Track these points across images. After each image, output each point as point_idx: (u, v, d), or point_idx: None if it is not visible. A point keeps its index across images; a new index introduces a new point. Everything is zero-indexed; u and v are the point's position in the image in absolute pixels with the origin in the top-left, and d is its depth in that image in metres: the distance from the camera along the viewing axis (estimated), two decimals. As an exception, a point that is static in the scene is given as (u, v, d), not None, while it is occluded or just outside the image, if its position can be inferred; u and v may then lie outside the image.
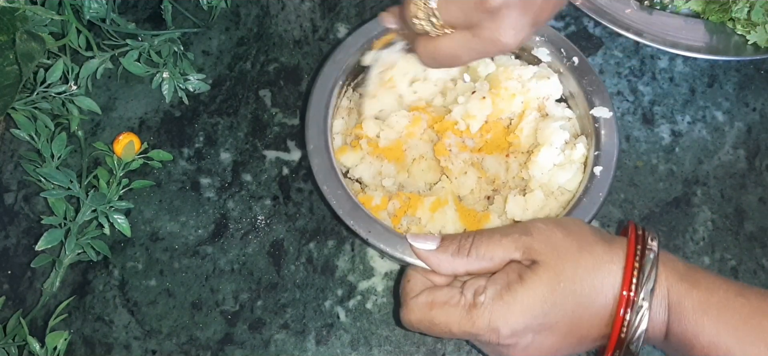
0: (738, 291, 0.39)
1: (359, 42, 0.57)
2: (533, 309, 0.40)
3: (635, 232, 0.41)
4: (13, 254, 0.57)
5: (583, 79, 0.55)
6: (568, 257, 0.40)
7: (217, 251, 0.57)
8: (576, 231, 0.42)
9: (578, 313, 0.40)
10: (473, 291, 0.41)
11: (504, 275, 0.41)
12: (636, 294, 0.39)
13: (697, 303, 0.39)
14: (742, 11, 0.62)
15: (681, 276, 0.40)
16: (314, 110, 0.54)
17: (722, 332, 0.38)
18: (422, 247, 0.45)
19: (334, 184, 0.51)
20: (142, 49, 0.62)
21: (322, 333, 0.54)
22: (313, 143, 0.53)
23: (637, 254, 0.40)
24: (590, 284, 0.40)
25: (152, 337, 0.54)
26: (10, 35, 0.56)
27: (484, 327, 0.40)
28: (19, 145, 0.61)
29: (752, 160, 0.61)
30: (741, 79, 0.64)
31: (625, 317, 0.39)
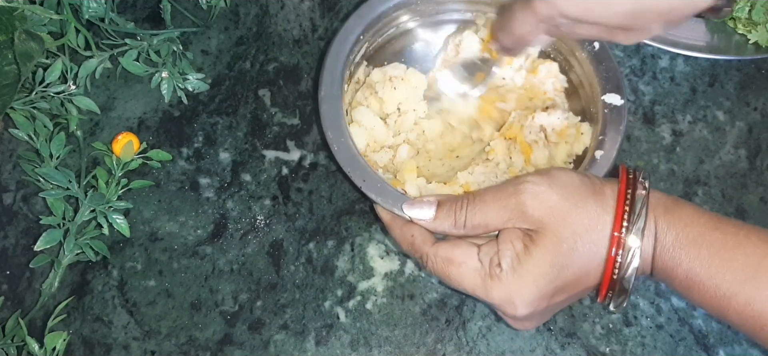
0: (714, 224, 0.40)
1: (387, 1, 0.57)
2: (545, 276, 0.41)
3: (627, 175, 0.42)
4: (11, 254, 0.57)
5: (600, 65, 0.55)
6: (565, 220, 0.41)
7: (217, 252, 0.57)
8: (569, 188, 0.42)
9: (583, 268, 0.42)
10: (489, 259, 0.43)
11: (510, 244, 0.42)
12: (627, 234, 0.40)
13: (675, 239, 0.40)
14: (743, 11, 0.62)
15: (665, 211, 0.41)
16: (331, 60, 0.54)
17: (696, 264, 0.40)
18: (419, 217, 0.46)
19: (339, 132, 0.51)
20: (141, 48, 0.62)
21: (322, 333, 0.54)
22: (325, 90, 0.53)
23: (628, 197, 0.41)
24: (589, 239, 0.41)
25: (151, 338, 0.54)
26: (9, 35, 0.55)
27: (500, 300, 0.42)
28: (17, 145, 0.61)
29: (753, 160, 0.61)
30: (742, 79, 0.64)
31: (616, 257, 0.40)
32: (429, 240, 0.46)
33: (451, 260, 0.44)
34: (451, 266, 0.44)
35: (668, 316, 0.54)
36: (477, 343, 0.54)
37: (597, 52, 0.55)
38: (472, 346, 0.53)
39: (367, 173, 0.49)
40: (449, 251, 0.44)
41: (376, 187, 0.49)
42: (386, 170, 0.55)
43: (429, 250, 0.45)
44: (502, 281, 0.42)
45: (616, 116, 0.53)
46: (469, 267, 0.43)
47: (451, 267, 0.44)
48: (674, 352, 0.53)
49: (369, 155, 0.56)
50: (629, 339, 0.54)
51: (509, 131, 0.55)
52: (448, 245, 0.45)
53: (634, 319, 0.54)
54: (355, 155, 0.50)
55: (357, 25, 0.56)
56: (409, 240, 0.47)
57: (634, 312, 0.54)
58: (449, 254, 0.44)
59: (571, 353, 0.53)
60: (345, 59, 0.55)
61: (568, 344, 0.53)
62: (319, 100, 0.52)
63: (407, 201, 0.47)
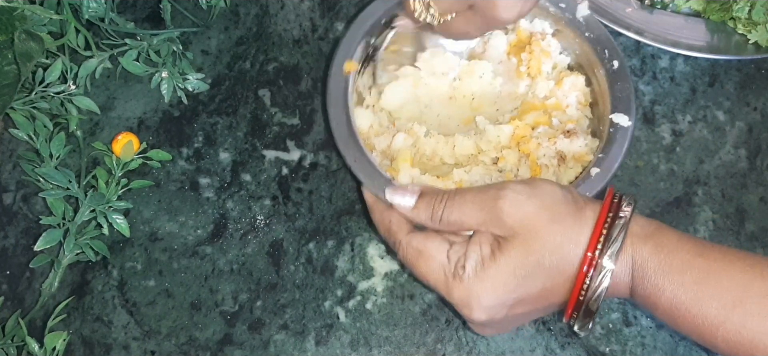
0: (699, 251, 0.40)
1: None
2: (504, 285, 0.41)
3: (612, 200, 0.42)
4: (11, 254, 0.57)
5: (615, 84, 0.55)
6: (538, 232, 0.41)
7: (217, 252, 0.57)
8: (549, 201, 0.42)
9: (548, 283, 0.42)
10: (456, 258, 0.43)
11: (478, 248, 0.42)
12: (601, 255, 0.40)
13: (658, 267, 0.40)
14: (743, 10, 0.62)
15: (646, 238, 0.41)
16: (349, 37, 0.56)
17: (680, 292, 0.39)
18: (399, 203, 0.46)
19: (341, 110, 0.52)
20: (140, 48, 0.62)
21: (322, 333, 0.54)
22: (336, 68, 0.54)
23: (608, 220, 0.41)
24: (559, 256, 0.41)
25: (151, 338, 0.54)
26: (9, 35, 0.55)
27: (458, 301, 0.43)
28: (17, 145, 0.61)
29: (753, 159, 0.61)
30: (742, 79, 0.64)
31: (586, 275, 0.40)
32: (405, 228, 0.47)
33: (421, 252, 0.45)
34: (420, 257, 0.45)
35: (668, 316, 0.54)
36: (477, 343, 0.54)
37: (615, 71, 0.55)
38: (472, 346, 0.53)
39: (360, 153, 0.50)
40: (421, 243, 0.45)
41: (366, 168, 0.49)
42: (384, 155, 0.56)
43: (403, 238, 0.46)
44: (463, 282, 0.42)
45: (621, 136, 0.53)
46: (437, 261, 0.44)
47: (420, 258, 0.45)
48: (674, 352, 0.53)
49: (370, 137, 0.56)
50: (629, 339, 0.54)
51: (525, 146, 0.55)
52: (421, 237, 0.45)
53: (634, 319, 0.54)
54: (353, 134, 0.51)
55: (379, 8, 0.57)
56: (386, 225, 0.48)
57: (634, 312, 0.54)
58: (421, 246, 0.45)
59: (571, 353, 0.53)
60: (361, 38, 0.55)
61: (568, 344, 0.53)
62: (329, 76, 0.53)
63: (391, 186, 0.47)
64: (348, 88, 0.53)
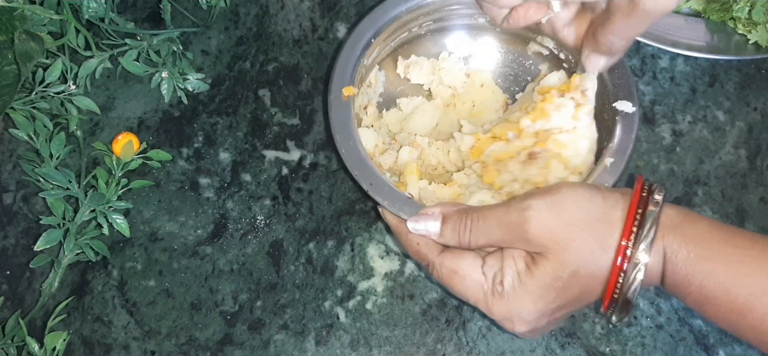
0: (728, 239, 0.40)
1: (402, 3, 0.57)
2: (543, 298, 0.42)
3: (640, 192, 0.42)
4: (11, 254, 0.57)
5: (612, 72, 0.55)
6: (570, 244, 0.41)
7: (217, 252, 0.57)
8: (576, 212, 0.42)
9: (585, 287, 0.42)
10: (492, 274, 0.43)
11: (513, 262, 0.43)
12: (634, 249, 0.40)
13: (688, 256, 0.40)
14: (743, 10, 0.62)
15: (675, 228, 0.41)
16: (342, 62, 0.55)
17: (709, 280, 0.40)
18: (425, 232, 0.46)
19: (347, 135, 0.51)
20: (141, 48, 0.62)
21: (322, 333, 0.54)
22: (335, 93, 0.53)
23: (638, 215, 0.41)
24: (594, 262, 0.41)
25: (151, 338, 0.54)
26: (9, 35, 0.55)
27: (500, 317, 0.43)
28: (17, 145, 0.61)
29: (753, 160, 0.61)
30: (742, 79, 0.64)
31: (621, 269, 0.41)
32: (435, 249, 0.46)
33: (455, 272, 0.45)
34: (455, 277, 0.45)
35: (668, 316, 0.54)
36: (477, 343, 0.54)
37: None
38: (472, 346, 0.53)
39: (374, 176, 0.50)
40: (454, 263, 0.45)
41: (383, 190, 0.49)
42: (392, 172, 0.56)
43: (434, 259, 0.46)
44: (502, 298, 0.43)
45: (628, 123, 0.52)
46: (473, 279, 0.44)
47: (455, 277, 0.45)
48: (674, 352, 0.53)
49: (376, 156, 0.56)
50: (629, 339, 0.54)
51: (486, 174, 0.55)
52: (453, 256, 0.45)
53: (634, 319, 0.54)
54: (363, 157, 0.50)
55: (368, 29, 0.56)
56: (415, 247, 0.47)
57: (634, 312, 0.54)
58: (454, 265, 0.45)
59: (571, 353, 0.53)
60: (356, 62, 0.55)
61: (568, 344, 0.53)
62: (329, 103, 0.53)
63: (412, 216, 0.47)
64: (350, 112, 0.53)
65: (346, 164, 0.50)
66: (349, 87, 0.53)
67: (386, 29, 0.57)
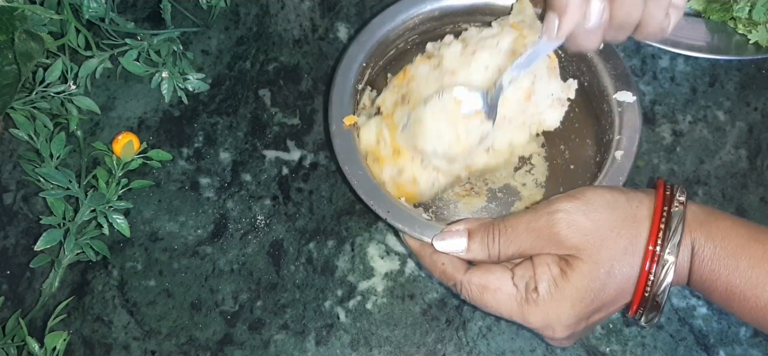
0: (753, 235, 0.40)
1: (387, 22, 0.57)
2: (582, 301, 0.42)
3: (664, 193, 0.42)
4: (12, 254, 0.57)
5: (607, 63, 0.55)
6: (602, 244, 0.41)
7: (217, 252, 0.57)
8: (603, 212, 0.42)
9: (619, 289, 0.42)
10: (524, 284, 0.43)
11: (547, 268, 0.42)
12: (662, 249, 0.40)
13: (713, 252, 0.41)
14: (744, 10, 0.62)
15: (700, 225, 0.41)
16: (337, 92, 0.54)
17: (735, 277, 0.40)
18: (451, 250, 0.46)
19: (355, 165, 0.51)
20: (141, 48, 0.62)
21: (322, 333, 0.54)
22: (337, 124, 0.53)
23: (663, 215, 0.41)
24: (626, 261, 0.41)
25: (151, 338, 0.54)
26: (9, 35, 0.55)
27: (539, 325, 0.43)
28: (18, 145, 0.61)
29: (753, 160, 0.61)
30: (742, 79, 0.64)
31: (650, 272, 0.41)
32: (461, 268, 0.46)
33: (485, 287, 0.44)
34: (486, 292, 0.44)
35: (668, 316, 0.54)
36: (477, 343, 0.54)
37: (603, 51, 0.55)
38: (473, 346, 0.53)
39: (391, 204, 0.49)
40: (483, 278, 0.44)
41: (402, 216, 0.48)
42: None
43: (462, 278, 0.45)
44: (539, 305, 0.42)
45: (631, 113, 0.52)
46: (504, 292, 0.43)
47: (486, 293, 0.44)
48: (674, 352, 0.53)
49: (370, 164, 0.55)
50: (629, 339, 0.54)
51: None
52: (481, 272, 0.45)
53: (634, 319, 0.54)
54: (375, 186, 0.50)
55: (359, 53, 0.56)
56: (440, 269, 0.47)
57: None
58: (483, 281, 0.44)
59: (571, 353, 0.53)
60: (352, 89, 0.55)
61: (569, 344, 0.53)
62: (331, 135, 0.52)
63: (437, 235, 0.46)
64: (354, 142, 0.52)
65: (359, 194, 0.50)
66: (350, 116, 0.53)
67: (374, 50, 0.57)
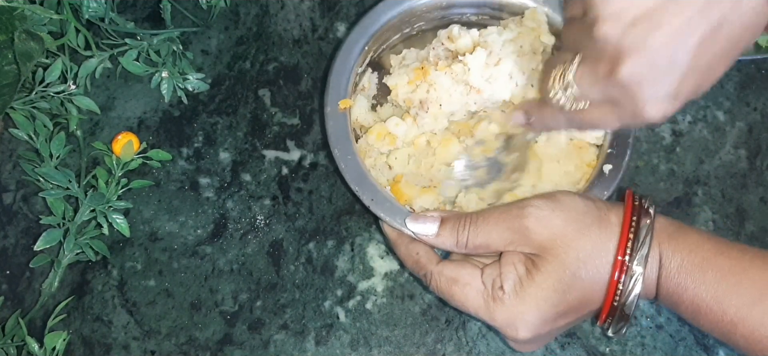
0: (719, 249, 0.40)
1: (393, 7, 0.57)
2: (547, 301, 0.41)
3: (632, 203, 0.42)
4: (11, 254, 0.57)
5: None
6: (569, 245, 0.41)
7: (217, 252, 0.57)
8: (573, 214, 0.42)
9: (586, 293, 0.42)
10: (492, 281, 0.43)
11: (513, 267, 0.42)
12: (631, 260, 0.40)
13: (680, 264, 0.41)
14: (743, 10, 0.62)
15: (668, 237, 0.41)
16: (335, 75, 0.54)
17: (701, 290, 0.40)
18: (421, 232, 0.46)
19: (346, 150, 0.51)
20: (141, 48, 0.62)
21: (322, 333, 0.54)
22: (331, 106, 0.53)
23: (633, 224, 0.41)
24: (593, 265, 0.41)
25: (151, 337, 0.54)
26: (9, 34, 0.55)
27: (502, 323, 0.43)
28: (17, 144, 0.61)
29: (753, 160, 0.61)
30: (742, 79, 0.64)
31: (619, 282, 0.41)
32: (434, 259, 0.46)
33: (455, 280, 0.44)
34: (454, 286, 0.44)
35: (668, 316, 0.54)
36: (477, 343, 0.54)
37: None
38: (472, 346, 0.53)
39: (375, 191, 0.50)
40: (453, 271, 0.45)
41: (384, 205, 0.49)
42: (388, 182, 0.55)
43: (433, 268, 0.46)
44: (504, 304, 0.42)
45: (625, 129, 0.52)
46: (472, 287, 0.44)
47: (454, 287, 0.44)
48: (674, 352, 0.53)
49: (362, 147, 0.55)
50: (629, 339, 0.54)
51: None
52: (452, 265, 0.45)
53: (634, 319, 0.54)
54: (363, 173, 0.50)
55: (361, 37, 0.56)
56: (414, 258, 0.47)
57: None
58: (453, 274, 0.44)
59: (571, 353, 0.53)
60: (349, 72, 0.55)
61: (568, 344, 0.53)
62: (325, 117, 0.53)
63: (411, 215, 0.47)
64: (348, 126, 0.53)
65: (346, 179, 0.50)
66: (345, 99, 0.53)
67: (378, 34, 0.57)
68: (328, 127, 0.52)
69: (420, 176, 0.54)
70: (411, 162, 0.55)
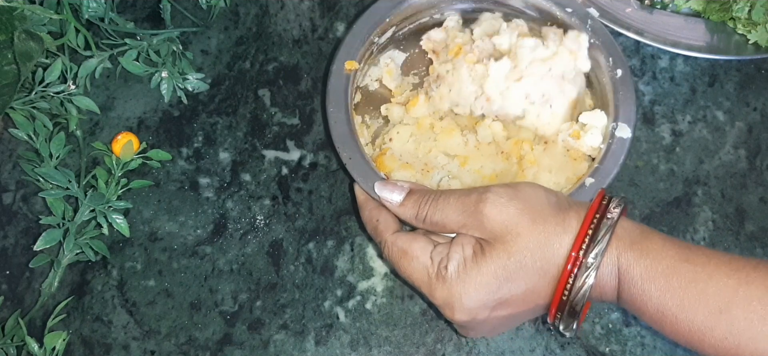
0: (685, 256, 0.40)
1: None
2: (487, 286, 0.42)
3: (600, 201, 0.42)
4: (11, 254, 0.57)
5: (618, 93, 0.54)
6: (518, 234, 0.41)
7: (216, 252, 0.57)
8: (531, 204, 0.42)
9: (531, 284, 0.42)
10: (439, 259, 0.43)
11: (460, 249, 0.43)
12: (585, 255, 0.40)
13: (644, 271, 0.40)
14: (743, 10, 0.62)
15: (631, 243, 0.41)
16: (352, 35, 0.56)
17: (668, 299, 0.39)
18: (388, 198, 0.47)
19: (340, 109, 0.52)
20: (140, 48, 0.62)
21: (322, 333, 0.54)
22: (337, 65, 0.54)
23: (594, 221, 0.41)
24: (541, 256, 0.41)
25: (151, 337, 0.54)
26: (9, 34, 0.55)
27: (441, 301, 0.43)
28: (17, 145, 0.61)
29: (753, 160, 0.61)
30: (742, 79, 0.64)
31: (570, 273, 0.40)
32: (391, 228, 0.47)
33: (405, 252, 0.45)
34: (404, 257, 0.45)
35: (668, 316, 0.54)
36: (477, 343, 0.54)
37: (620, 78, 0.55)
38: (472, 346, 0.53)
39: (355, 151, 0.50)
40: (406, 243, 0.45)
41: (360, 167, 0.50)
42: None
43: (388, 237, 0.46)
44: (445, 282, 0.43)
45: (619, 147, 0.52)
46: (420, 262, 0.44)
47: (403, 258, 0.45)
48: (674, 352, 0.53)
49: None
50: (629, 339, 0.54)
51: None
52: (406, 237, 0.46)
53: (634, 319, 0.54)
54: (352, 133, 0.51)
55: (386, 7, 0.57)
56: (373, 224, 0.48)
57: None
58: (405, 245, 0.45)
59: (571, 353, 0.53)
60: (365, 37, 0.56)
61: (568, 344, 0.53)
62: (329, 73, 0.54)
63: (380, 180, 0.48)
64: (348, 87, 0.53)
65: (331, 134, 0.51)
66: (352, 61, 0.54)
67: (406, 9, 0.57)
68: (329, 84, 0.53)
69: (416, 158, 0.54)
70: (411, 141, 0.55)
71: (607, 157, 0.52)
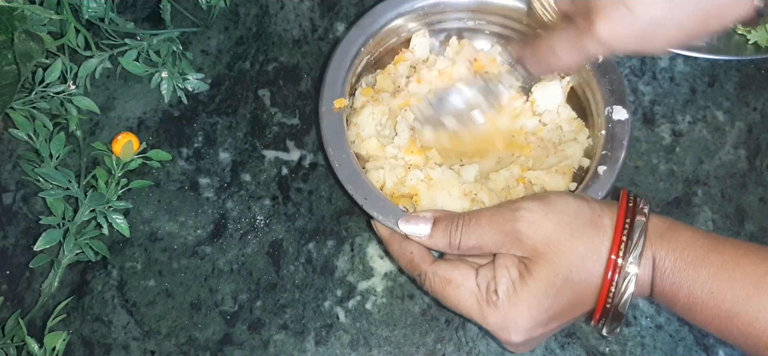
0: (712, 246, 0.41)
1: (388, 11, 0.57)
2: (539, 306, 0.42)
3: (626, 204, 0.42)
4: (11, 254, 0.57)
5: (604, 77, 0.55)
6: (560, 249, 0.41)
7: (216, 252, 0.57)
8: (565, 215, 0.42)
9: (578, 296, 0.42)
10: (486, 284, 0.43)
11: (506, 271, 0.43)
12: (624, 260, 0.41)
13: (674, 264, 0.41)
14: (743, 10, 0.62)
15: (661, 237, 0.41)
16: (332, 74, 0.55)
17: (696, 287, 0.40)
18: (415, 233, 0.46)
19: (340, 149, 0.51)
20: (140, 48, 0.62)
21: (322, 333, 0.54)
22: (326, 106, 0.53)
23: (626, 224, 0.41)
24: (584, 268, 0.41)
25: (151, 338, 0.54)
26: (9, 35, 0.55)
27: (495, 327, 0.43)
28: (17, 145, 0.61)
29: (753, 160, 0.61)
30: (742, 79, 0.64)
31: (612, 282, 0.41)
32: (428, 259, 0.46)
33: (448, 281, 0.44)
34: (448, 286, 0.44)
35: (668, 316, 0.54)
36: (477, 343, 0.54)
37: (601, 65, 0.55)
38: (472, 346, 0.53)
39: (368, 191, 0.50)
40: (448, 272, 0.45)
41: (378, 204, 0.49)
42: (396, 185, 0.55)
43: (427, 268, 0.46)
44: (498, 308, 0.42)
45: (620, 130, 0.52)
46: (466, 289, 0.44)
47: (448, 287, 0.44)
48: (674, 352, 0.53)
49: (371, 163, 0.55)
50: (629, 339, 0.54)
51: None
52: (447, 265, 0.45)
53: (634, 319, 0.54)
54: (356, 171, 0.51)
55: (358, 36, 0.56)
56: (408, 257, 0.47)
57: (633, 311, 0.54)
58: (448, 274, 0.44)
59: (571, 353, 0.53)
60: (346, 73, 0.55)
61: (568, 344, 0.53)
62: (320, 116, 0.53)
63: (403, 216, 0.47)
64: (342, 124, 0.53)
65: (339, 178, 0.50)
66: (340, 99, 0.53)
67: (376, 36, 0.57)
68: (322, 126, 0.52)
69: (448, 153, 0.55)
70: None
71: (610, 143, 0.52)
